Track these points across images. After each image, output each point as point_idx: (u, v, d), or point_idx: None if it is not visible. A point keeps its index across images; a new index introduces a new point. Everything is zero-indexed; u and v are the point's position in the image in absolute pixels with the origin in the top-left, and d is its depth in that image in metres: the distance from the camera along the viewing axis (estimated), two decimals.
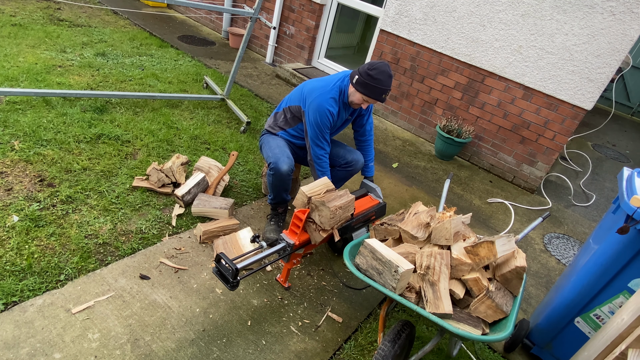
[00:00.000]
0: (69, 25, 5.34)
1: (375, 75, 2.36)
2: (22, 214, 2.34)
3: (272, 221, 2.75)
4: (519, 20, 3.93)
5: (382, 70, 2.38)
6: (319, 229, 2.11)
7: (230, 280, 1.81)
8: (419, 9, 4.48)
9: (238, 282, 1.85)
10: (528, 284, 2.97)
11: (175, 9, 7.34)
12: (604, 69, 3.63)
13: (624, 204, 1.80)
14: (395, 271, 1.68)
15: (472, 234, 1.99)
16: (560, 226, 3.84)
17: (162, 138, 3.40)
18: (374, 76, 2.36)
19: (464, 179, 4.25)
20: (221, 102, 4.33)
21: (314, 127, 2.50)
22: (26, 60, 4.09)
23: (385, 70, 2.40)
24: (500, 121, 4.33)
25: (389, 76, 2.40)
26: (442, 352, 2.22)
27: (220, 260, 1.84)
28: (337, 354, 2.10)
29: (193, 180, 2.79)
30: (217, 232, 2.55)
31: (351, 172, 2.83)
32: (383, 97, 2.44)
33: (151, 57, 5.06)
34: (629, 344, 1.42)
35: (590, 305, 2.01)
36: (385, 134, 4.77)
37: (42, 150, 2.88)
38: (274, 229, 2.69)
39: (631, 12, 3.40)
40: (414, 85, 4.82)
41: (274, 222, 2.74)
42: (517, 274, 1.78)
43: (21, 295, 1.93)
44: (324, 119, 2.48)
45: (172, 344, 1.91)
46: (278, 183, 2.55)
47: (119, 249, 2.32)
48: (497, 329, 1.71)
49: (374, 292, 2.54)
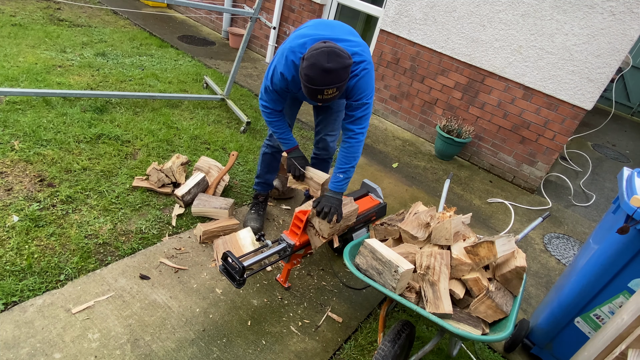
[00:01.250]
0: (69, 25, 5.34)
1: (305, 70, 1.75)
2: (22, 214, 2.34)
3: (252, 210, 2.78)
4: (519, 20, 3.93)
5: (313, 62, 1.72)
6: (319, 234, 2.09)
7: (237, 278, 1.82)
8: (419, 9, 4.48)
9: (245, 279, 1.86)
10: (528, 284, 2.97)
11: (175, 9, 7.34)
12: (604, 69, 3.63)
13: (624, 204, 1.80)
14: (395, 271, 1.68)
15: (472, 234, 1.99)
16: (560, 226, 3.84)
17: (162, 138, 3.40)
18: (304, 69, 1.76)
19: (464, 179, 4.25)
20: (221, 102, 4.33)
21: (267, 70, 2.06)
22: (26, 60, 4.09)
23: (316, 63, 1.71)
24: (500, 121, 4.33)
25: (325, 72, 1.71)
26: (442, 352, 2.22)
27: (227, 258, 1.86)
28: (337, 354, 2.10)
29: (193, 180, 2.79)
30: (217, 232, 2.55)
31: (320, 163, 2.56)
32: (319, 97, 1.80)
33: (151, 57, 5.06)
34: (629, 344, 1.42)
35: (590, 305, 2.01)
36: (385, 134, 4.77)
37: (42, 150, 2.88)
38: (255, 218, 2.73)
39: (631, 12, 3.40)
40: (414, 85, 4.81)
41: (255, 210, 2.77)
42: (517, 274, 1.78)
43: (21, 295, 1.93)
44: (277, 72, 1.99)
45: (172, 344, 1.91)
46: (270, 160, 2.55)
47: (119, 249, 2.32)
48: (497, 329, 1.71)
49: (374, 292, 2.54)
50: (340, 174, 2.12)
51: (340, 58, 1.74)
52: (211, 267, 2.38)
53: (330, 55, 1.72)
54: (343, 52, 1.77)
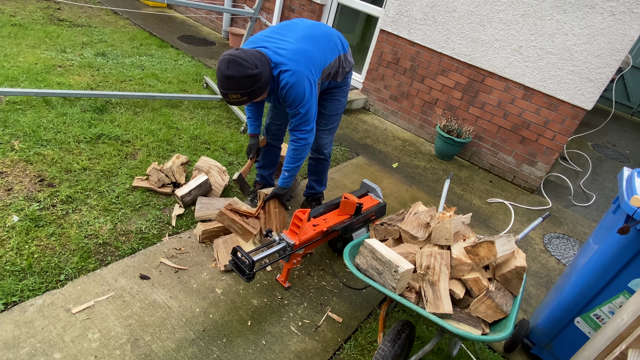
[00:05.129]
0: (69, 25, 5.34)
1: (216, 72, 1.98)
2: (22, 214, 2.34)
3: (248, 198, 2.93)
4: (519, 20, 3.93)
5: (218, 67, 1.94)
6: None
7: (247, 272, 1.86)
8: (419, 9, 4.48)
9: (254, 274, 1.89)
10: (528, 284, 2.97)
11: (175, 9, 7.34)
12: (604, 69, 3.63)
13: (624, 204, 1.80)
14: (395, 271, 1.68)
15: (472, 234, 1.99)
16: (560, 226, 3.84)
17: (162, 138, 3.40)
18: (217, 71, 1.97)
19: (464, 179, 4.25)
20: (221, 102, 4.33)
21: None
22: (26, 60, 4.09)
23: (220, 68, 1.92)
24: (500, 121, 4.33)
25: (225, 78, 1.92)
26: (442, 352, 2.22)
27: (237, 253, 1.89)
28: (337, 354, 2.10)
29: (195, 182, 2.77)
30: (217, 232, 2.55)
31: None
32: (227, 99, 2.03)
33: (151, 57, 5.06)
34: (629, 344, 1.42)
35: (590, 305, 2.01)
36: (385, 134, 4.77)
37: (42, 150, 2.88)
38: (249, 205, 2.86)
39: (631, 12, 3.40)
40: (414, 85, 4.82)
41: (251, 199, 2.90)
42: (517, 274, 1.78)
43: (21, 295, 1.93)
44: None
45: (172, 344, 1.91)
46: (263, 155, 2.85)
47: (119, 249, 2.32)
48: (497, 329, 1.71)
49: (374, 292, 2.54)
50: (286, 172, 2.41)
51: (241, 67, 1.91)
52: (211, 267, 2.38)
53: (231, 63, 1.90)
54: (247, 61, 1.92)
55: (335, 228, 2.29)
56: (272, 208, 2.53)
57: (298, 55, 2.10)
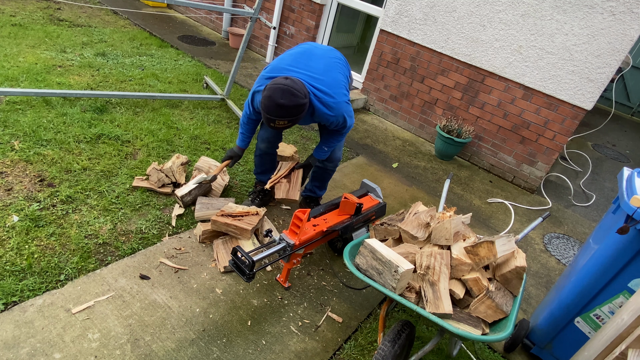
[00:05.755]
0: (69, 25, 5.34)
1: (263, 100, 2.03)
2: (22, 214, 2.34)
3: (249, 197, 2.96)
4: (519, 20, 3.93)
5: (269, 95, 2.00)
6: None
7: (247, 272, 1.86)
8: (419, 9, 4.48)
9: (254, 274, 1.89)
10: (528, 284, 2.97)
11: (175, 9, 7.34)
12: (604, 69, 3.63)
13: (624, 204, 1.80)
14: (395, 271, 1.68)
15: (472, 234, 1.99)
16: (560, 226, 3.84)
17: (162, 138, 3.40)
18: (263, 98, 2.04)
19: (464, 179, 4.25)
20: (221, 102, 4.33)
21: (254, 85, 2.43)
22: (26, 60, 4.09)
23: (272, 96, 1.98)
24: (500, 121, 4.33)
25: (278, 106, 1.99)
26: (442, 352, 2.22)
27: (237, 253, 1.89)
28: (337, 354, 2.10)
29: (195, 182, 2.77)
30: (217, 232, 2.55)
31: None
32: (272, 125, 2.10)
33: (151, 57, 5.06)
34: (629, 344, 1.42)
35: (590, 305, 2.01)
36: (385, 134, 4.77)
37: (42, 150, 2.88)
38: (248, 205, 2.87)
39: (631, 12, 3.40)
40: (414, 85, 4.82)
41: (251, 199, 2.92)
42: (517, 274, 1.78)
43: (21, 295, 1.93)
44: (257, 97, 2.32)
45: (172, 344, 1.91)
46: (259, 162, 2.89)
47: (119, 249, 2.32)
48: (497, 329, 1.71)
49: (374, 292, 2.54)
50: (325, 147, 2.57)
51: (294, 97, 2.01)
52: (211, 267, 2.38)
53: (285, 93, 1.99)
54: (299, 92, 2.03)
55: (335, 228, 2.29)
56: (293, 178, 2.71)
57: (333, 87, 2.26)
